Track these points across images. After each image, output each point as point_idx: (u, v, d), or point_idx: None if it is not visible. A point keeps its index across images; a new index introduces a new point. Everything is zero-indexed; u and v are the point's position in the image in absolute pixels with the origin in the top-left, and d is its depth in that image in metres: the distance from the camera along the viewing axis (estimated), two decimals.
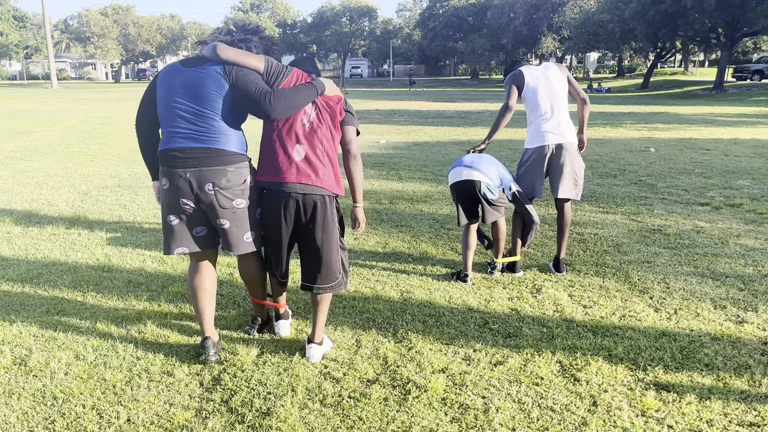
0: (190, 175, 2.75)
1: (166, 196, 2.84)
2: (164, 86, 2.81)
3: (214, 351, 2.97)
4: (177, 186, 2.78)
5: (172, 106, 2.77)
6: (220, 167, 2.76)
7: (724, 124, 16.79)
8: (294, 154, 2.82)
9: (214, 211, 2.81)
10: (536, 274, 4.27)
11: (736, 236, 5.20)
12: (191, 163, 2.75)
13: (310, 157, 2.83)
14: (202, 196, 2.78)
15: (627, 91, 41.47)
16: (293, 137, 2.83)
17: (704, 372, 2.87)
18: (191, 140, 2.75)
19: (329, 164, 2.87)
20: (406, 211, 6.23)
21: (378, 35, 77.30)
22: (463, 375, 2.85)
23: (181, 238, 2.88)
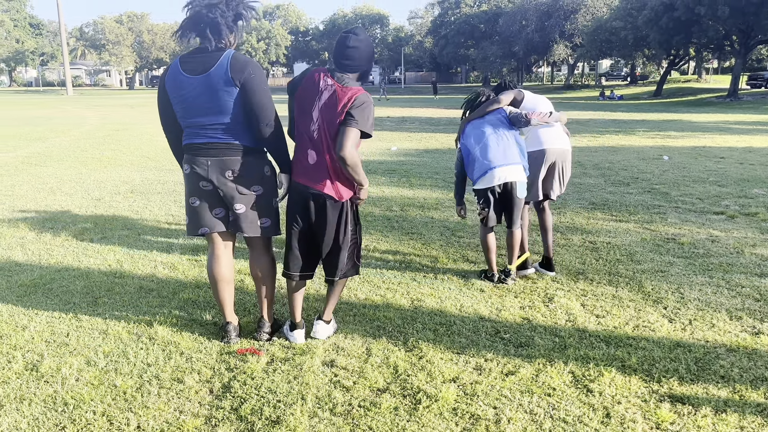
0: (211, 162, 2.97)
1: (187, 180, 3.09)
2: (175, 92, 2.97)
3: (235, 335, 3.22)
4: (197, 170, 3.00)
5: (189, 111, 2.96)
6: (238, 157, 2.98)
7: (739, 132, 16.64)
8: (309, 158, 2.99)
9: (232, 195, 3.01)
10: (548, 283, 4.23)
11: (751, 246, 5.13)
12: (213, 153, 2.97)
13: (319, 161, 2.97)
14: (222, 181, 2.98)
15: (640, 98, 41.23)
16: (306, 141, 2.99)
17: (720, 384, 2.82)
18: (211, 137, 2.96)
19: (337, 169, 2.97)
20: (417, 218, 6.22)
21: (389, 42, 77.43)
22: (475, 385, 2.82)
23: (203, 218, 3.09)
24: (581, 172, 9.36)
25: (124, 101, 37.48)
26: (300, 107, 3.00)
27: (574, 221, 6.06)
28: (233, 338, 3.22)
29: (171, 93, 2.98)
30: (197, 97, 2.89)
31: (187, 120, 2.99)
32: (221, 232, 3.14)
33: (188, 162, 3.05)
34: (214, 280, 3.16)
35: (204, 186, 3.02)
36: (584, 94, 47.41)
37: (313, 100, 2.95)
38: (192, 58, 2.92)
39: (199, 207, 3.07)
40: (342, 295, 3.97)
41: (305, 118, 2.97)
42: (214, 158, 2.97)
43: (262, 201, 3.09)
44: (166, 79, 2.98)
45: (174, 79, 2.94)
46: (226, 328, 3.23)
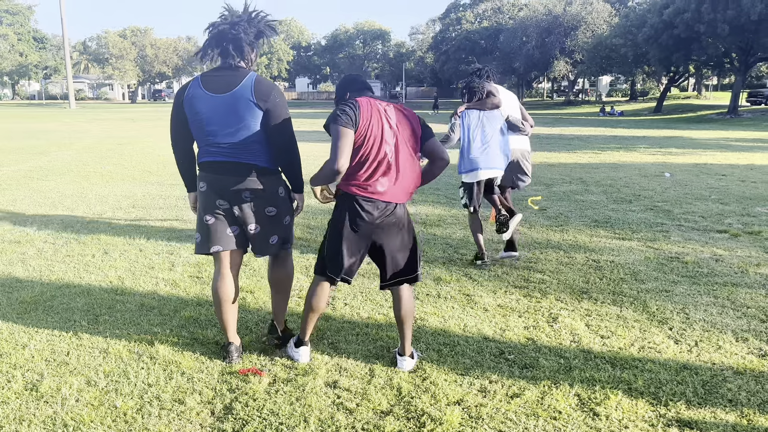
0: (227, 182, 3.00)
1: (202, 198, 3.09)
2: (193, 110, 2.99)
3: (237, 355, 3.21)
4: (214, 188, 3.03)
5: (207, 130, 2.99)
6: (255, 178, 3.01)
7: (740, 149, 16.66)
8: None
9: (248, 216, 3.05)
10: (552, 303, 4.21)
11: (755, 265, 5.11)
12: (231, 172, 2.99)
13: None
14: (238, 201, 3.02)
15: (640, 114, 41.37)
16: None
17: (728, 408, 2.79)
18: (227, 156, 2.99)
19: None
20: (419, 235, 6.20)
21: (391, 58, 77.99)
22: (479, 407, 2.78)
23: (217, 237, 3.09)
24: (583, 189, 9.35)
25: (126, 115, 37.62)
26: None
27: (576, 239, 6.04)
28: (235, 358, 3.20)
29: (189, 110, 3.00)
30: (219, 115, 2.94)
31: (205, 138, 3.01)
32: (232, 252, 3.15)
33: (204, 180, 3.07)
34: (219, 300, 3.15)
35: (220, 204, 3.05)
36: (585, 110, 47.60)
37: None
38: (214, 77, 2.97)
39: (214, 225, 3.08)
40: (344, 314, 3.95)
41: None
42: (232, 177, 2.99)
43: (275, 221, 3.13)
44: (184, 96, 3.00)
45: (194, 97, 2.97)
46: (227, 349, 3.22)
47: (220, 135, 2.97)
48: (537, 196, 4.86)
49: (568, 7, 52.27)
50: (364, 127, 2.87)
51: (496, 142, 4.83)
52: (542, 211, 7.48)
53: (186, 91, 3.01)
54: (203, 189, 3.07)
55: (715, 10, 31.20)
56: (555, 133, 22.99)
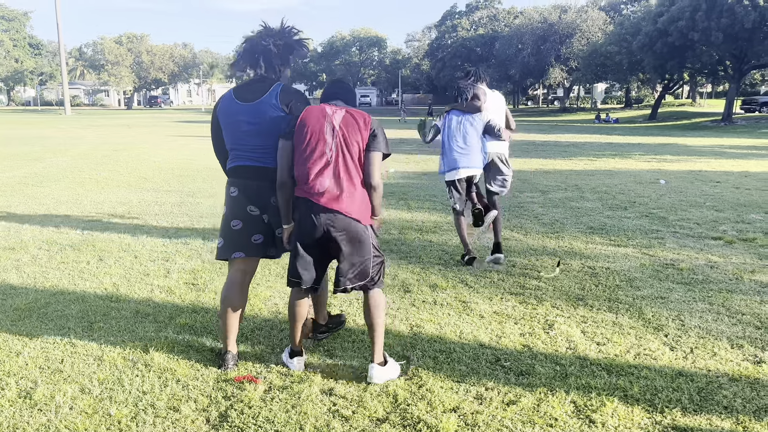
0: (258, 187, 3.10)
1: (232, 203, 3.17)
2: (226, 119, 3.17)
3: (233, 363, 3.20)
4: (246, 193, 3.12)
5: (238, 137, 3.14)
6: None
7: (734, 156, 16.75)
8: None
9: (276, 221, 3.13)
10: (548, 309, 4.21)
11: (750, 272, 5.12)
12: (262, 177, 3.10)
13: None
14: (268, 207, 3.12)
15: (635, 121, 41.58)
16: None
17: (723, 415, 2.79)
18: (258, 162, 3.11)
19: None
20: (415, 241, 6.20)
21: (387, 65, 78.18)
22: (475, 415, 2.78)
23: (241, 243, 3.16)
24: (578, 195, 9.38)
25: (121, 121, 37.60)
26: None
27: (572, 246, 6.05)
28: (230, 366, 3.19)
29: (222, 120, 3.19)
30: (248, 122, 3.08)
31: (235, 143, 3.14)
32: (250, 259, 3.22)
33: (235, 185, 3.16)
34: (226, 305, 3.19)
35: (251, 210, 3.14)
36: (580, 117, 47.80)
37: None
38: (245, 88, 3.17)
39: (241, 230, 3.15)
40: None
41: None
42: (263, 182, 3.09)
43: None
44: (219, 107, 3.22)
45: (227, 107, 3.18)
46: (224, 357, 3.21)
47: (251, 140, 3.10)
48: (553, 271, 4.99)
49: (563, 15, 52.58)
50: (303, 131, 2.97)
51: (476, 143, 5.20)
52: (537, 218, 7.50)
53: (219, 103, 3.23)
54: (234, 194, 3.16)
55: (709, 18, 31.42)
56: (551, 140, 23.07)
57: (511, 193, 5.70)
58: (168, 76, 73.29)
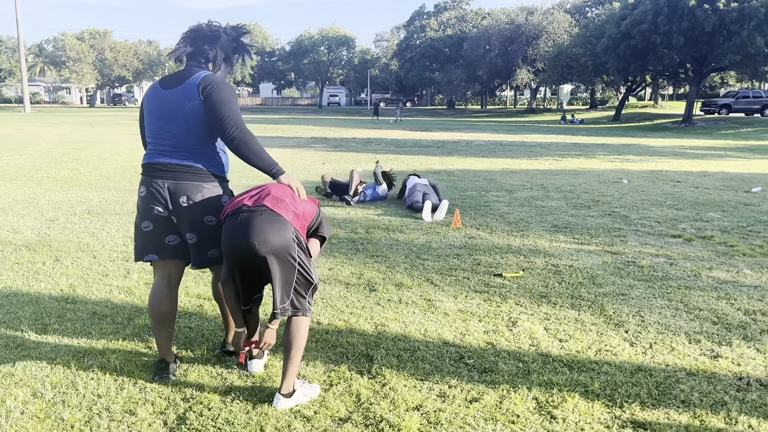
0: (167, 185, 2.87)
1: (141, 204, 2.95)
2: (147, 108, 2.96)
3: (167, 372, 3.03)
4: (153, 194, 2.89)
5: (155, 127, 2.91)
6: (197, 182, 2.88)
7: (694, 156, 17.18)
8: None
9: (185, 223, 2.89)
10: (512, 307, 4.23)
11: (708, 269, 5.24)
12: (170, 175, 2.88)
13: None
14: (176, 207, 2.88)
15: (599, 122, 42.34)
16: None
17: (681, 409, 2.84)
18: (172, 157, 2.87)
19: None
20: (381, 240, 6.18)
21: (356, 64, 77.99)
22: (438, 413, 2.77)
23: (153, 244, 2.95)
24: (544, 194, 9.49)
25: (83, 119, 36.72)
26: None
27: (536, 244, 6.11)
28: (165, 376, 3.01)
29: (146, 109, 2.98)
30: (165, 111, 2.87)
31: (150, 133, 2.94)
32: (170, 261, 3.00)
33: (144, 183, 2.94)
34: (154, 314, 3.00)
35: (158, 211, 2.90)
36: (546, 118, 48.47)
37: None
38: (172, 76, 2.95)
39: (152, 232, 2.93)
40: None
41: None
42: (172, 181, 2.87)
43: (215, 232, 2.94)
44: (145, 97, 3.01)
45: (150, 95, 2.96)
46: (159, 366, 3.04)
47: (163, 133, 2.88)
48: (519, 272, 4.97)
49: (530, 17, 53.26)
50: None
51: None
52: (503, 216, 7.56)
53: (147, 91, 3.02)
54: (143, 194, 2.92)
55: (671, 21, 32.19)
56: (517, 141, 23.32)
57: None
58: (132, 73, 71.80)
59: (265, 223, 2.66)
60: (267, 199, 2.77)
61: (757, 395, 2.97)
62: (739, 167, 14.35)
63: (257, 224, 2.65)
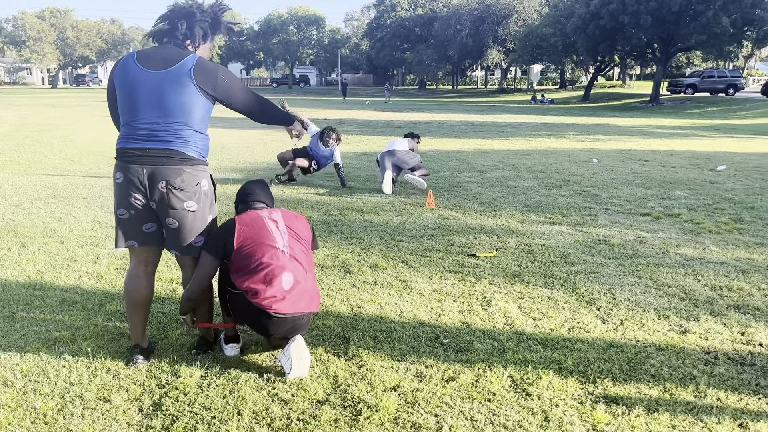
0: (145, 170, 2.76)
1: (118, 191, 2.84)
2: (124, 87, 2.76)
3: (142, 358, 3.00)
4: (130, 180, 2.79)
5: (132, 109, 2.75)
6: (176, 167, 2.78)
7: (661, 135, 17.48)
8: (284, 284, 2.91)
9: (165, 210, 2.82)
10: (486, 287, 4.27)
11: (675, 246, 5.36)
12: (148, 160, 2.76)
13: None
14: (154, 193, 2.79)
15: (569, 102, 42.74)
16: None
17: (651, 383, 2.91)
18: (151, 141, 2.75)
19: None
20: (356, 222, 6.17)
21: (326, 44, 77.10)
22: (415, 393, 2.79)
23: (131, 232, 2.88)
24: (515, 174, 9.57)
25: (46, 100, 35.68)
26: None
27: (509, 224, 6.17)
28: (140, 362, 2.97)
29: (119, 86, 2.78)
30: (147, 94, 2.71)
31: (127, 118, 2.77)
32: (148, 249, 2.95)
33: (120, 170, 2.80)
34: (130, 298, 2.97)
35: (135, 197, 2.80)
36: (517, 98, 48.73)
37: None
38: (151, 53, 2.77)
39: (128, 219, 2.85)
40: None
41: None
42: (149, 166, 2.75)
43: (197, 218, 2.88)
44: (115, 72, 2.80)
45: (125, 73, 2.76)
46: (132, 351, 3.01)
47: (142, 116, 2.73)
48: (491, 252, 4.98)
49: None
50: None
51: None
52: (476, 197, 7.60)
53: (116, 67, 2.82)
54: (119, 180, 2.80)
55: (639, 1, 32.51)
56: (488, 121, 23.42)
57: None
58: (95, 53, 69.90)
59: (304, 326, 3.03)
60: (302, 282, 2.96)
61: (725, 369, 3.06)
62: (704, 146, 14.66)
63: (298, 328, 2.99)
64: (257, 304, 2.84)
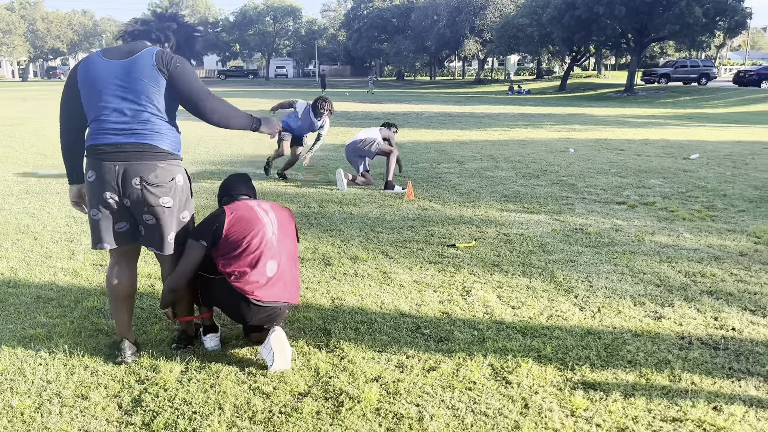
0: (118, 167, 2.70)
1: (90, 189, 2.77)
2: (89, 80, 2.70)
3: (131, 352, 2.96)
4: (103, 178, 2.72)
5: (102, 102, 2.69)
6: (150, 162, 2.72)
7: (636, 125, 17.70)
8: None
9: (140, 207, 2.76)
10: (466, 276, 4.30)
11: (650, 233, 5.45)
12: (120, 156, 2.70)
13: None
14: (129, 191, 2.72)
15: (546, 92, 43.02)
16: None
17: (628, 369, 2.96)
18: (122, 136, 2.69)
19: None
20: (335, 214, 6.16)
21: (303, 35, 76.49)
22: (397, 383, 2.81)
23: (105, 234, 2.82)
24: (493, 165, 9.62)
25: (16, 94, 34.89)
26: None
27: (488, 214, 6.20)
28: (128, 356, 2.94)
29: (82, 80, 2.71)
30: (115, 84, 2.66)
31: (96, 113, 2.70)
32: (124, 247, 2.90)
33: (93, 167, 2.73)
34: (113, 294, 2.93)
35: (109, 196, 2.73)
36: (494, 89, 48.89)
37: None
38: (117, 47, 2.75)
39: (102, 221, 2.78)
40: None
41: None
42: (121, 162, 2.69)
43: (172, 214, 2.83)
44: (79, 68, 2.75)
45: (88, 67, 2.71)
46: (120, 345, 2.97)
47: (114, 108, 2.67)
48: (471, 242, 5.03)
49: None
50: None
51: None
52: (455, 188, 7.64)
53: (80, 64, 2.77)
54: (91, 179, 2.74)
55: None
56: (466, 112, 23.49)
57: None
58: (67, 45, 68.55)
59: (280, 316, 3.07)
60: (289, 279, 3.05)
61: (699, 353, 3.13)
62: (678, 135, 14.89)
63: (274, 318, 3.03)
64: (239, 288, 2.86)
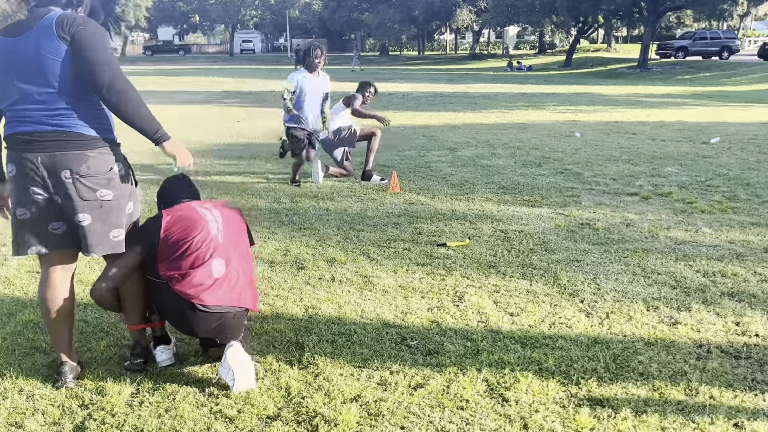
0: (41, 159, 2.62)
1: (13, 186, 2.71)
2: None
3: (72, 375, 2.92)
4: (25, 173, 2.64)
5: (7, 88, 2.61)
6: (78, 152, 2.64)
7: (650, 105, 17.86)
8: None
9: (72, 204, 2.67)
10: (458, 280, 4.32)
11: (666, 228, 5.50)
12: (41, 146, 2.62)
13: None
14: (58, 186, 2.64)
15: (549, 69, 43.25)
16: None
17: (639, 382, 2.99)
18: (41, 123, 2.61)
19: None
20: (309, 210, 6.15)
21: (272, 4, 76.25)
22: (379, 403, 2.81)
23: (35, 235, 2.73)
24: (490, 152, 9.66)
25: None
26: None
27: (483, 208, 6.23)
28: (69, 380, 2.89)
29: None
30: (17, 64, 2.57)
31: (5, 97, 2.63)
32: (59, 252, 2.82)
33: (13, 161, 2.68)
34: (47, 308, 2.84)
35: (35, 192, 2.66)
36: (491, 65, 49.07)
37: None
38: (15, 24, 2.64)
39: (30, 220, 2.71)
40: None
41: None
42: (45, 154, 2.61)
43: (113, 208, 2.76)
44: None
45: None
46: (60, 369, 2.91)
47: (21, 94, 2.59)
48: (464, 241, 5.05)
49: None
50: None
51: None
52: (446, 179, 7.65)
53: None
54: (12, 173, 2.68)
55: None
56: (459, 91, 23.55)
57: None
58: None
59: (234, 327, 3.04)
60: (243, 281, 3.04)
61: (718, 363, 3.17)
62: (696, 116, 15.04)
63: (226, 328, 3.00)
64: (181, 292, 2.85)
